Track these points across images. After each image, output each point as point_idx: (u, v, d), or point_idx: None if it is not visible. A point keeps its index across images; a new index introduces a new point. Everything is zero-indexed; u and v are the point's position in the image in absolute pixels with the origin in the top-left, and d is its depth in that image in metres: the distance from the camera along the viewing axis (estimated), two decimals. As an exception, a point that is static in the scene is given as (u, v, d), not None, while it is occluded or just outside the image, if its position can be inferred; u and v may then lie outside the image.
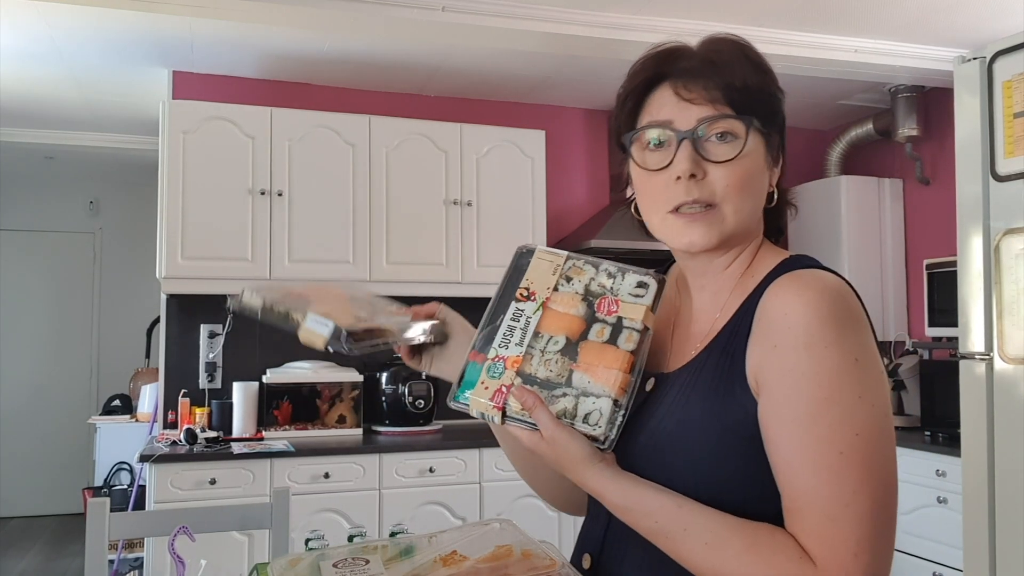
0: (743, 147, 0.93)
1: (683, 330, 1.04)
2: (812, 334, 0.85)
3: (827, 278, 0.90)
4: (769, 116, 0.95)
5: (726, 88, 0.93)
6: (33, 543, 5.74)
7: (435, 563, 0.97)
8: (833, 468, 0.83)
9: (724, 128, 0.93)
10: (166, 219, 3.54)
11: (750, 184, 0.94)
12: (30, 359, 6.54)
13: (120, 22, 3.36)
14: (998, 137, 2.61)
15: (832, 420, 0.83)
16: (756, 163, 0.95)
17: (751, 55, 0.96)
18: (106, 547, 1.76)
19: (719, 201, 0.93)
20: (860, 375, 0.85)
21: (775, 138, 0.98)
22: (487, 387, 0.93)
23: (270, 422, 3.69)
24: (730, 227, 0.95)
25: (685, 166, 0.92)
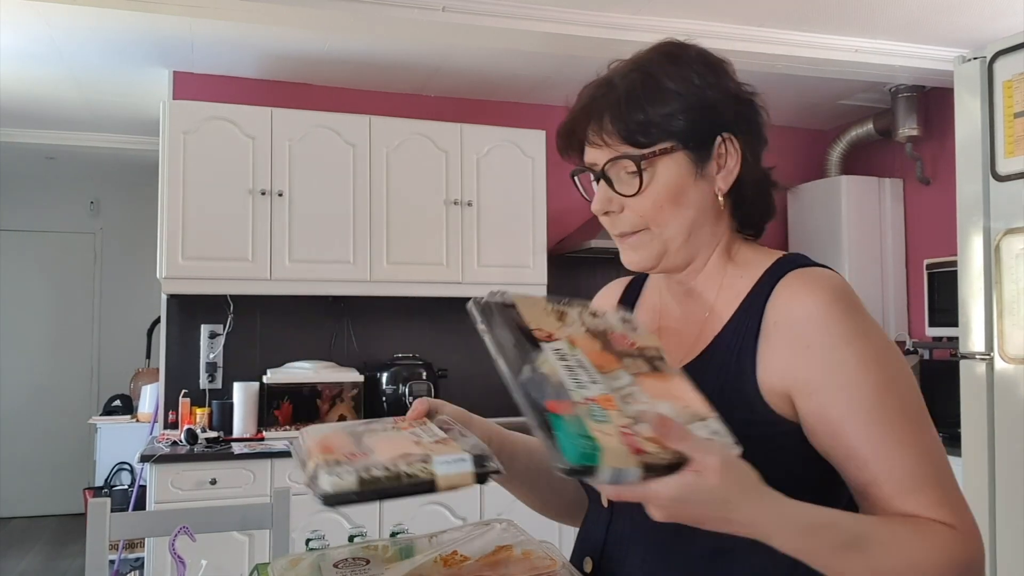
0: (641, 182, 0.96)
1: (672, 332, 1.04)
2: (844, 328, 0.89)
3: (830, 274, 0.94)
4: (682, 133, 0.96)
5: (619, 130, 0.97)
6: (34, 543, 5.75)
7: (435, 563, 0.97)
8: (919, 441, 0.88)
9: (624, 167, 0.97)
10: (166, 219, 3.54)
11: (669, 207, 0.97)
12: (31, 359, 6.54)
13: (120, 22, 3.36)
14: (998, 137, 2.61)
15: (894, 400, 0.88)
16: (672, 184, 0.97)
17: (664, 74, 0.97)
18: (107, 547, 1.76)
19: (644, 226, 0.99)
20: (894, 356, 0.91)
21: (706, 144, 0.98)
22: (608, 434, 0.73)
23: (271, 422, 3.69)
24: (664, 246, 0.99)
25: (597, 206, 1.01)
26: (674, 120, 0.96)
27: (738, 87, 1.01)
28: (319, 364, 3.81)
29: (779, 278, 0.94)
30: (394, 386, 3.83)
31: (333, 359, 3.95)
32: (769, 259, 0.99)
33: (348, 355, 4.04)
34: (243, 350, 3.92)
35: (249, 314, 3.93)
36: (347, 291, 3.80)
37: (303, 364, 3.80)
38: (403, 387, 3.80)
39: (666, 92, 0.96)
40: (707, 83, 0.98)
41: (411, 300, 4.02)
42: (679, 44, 1.01)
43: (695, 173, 0.98)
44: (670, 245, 0.99)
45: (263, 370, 3.78)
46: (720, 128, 0.98)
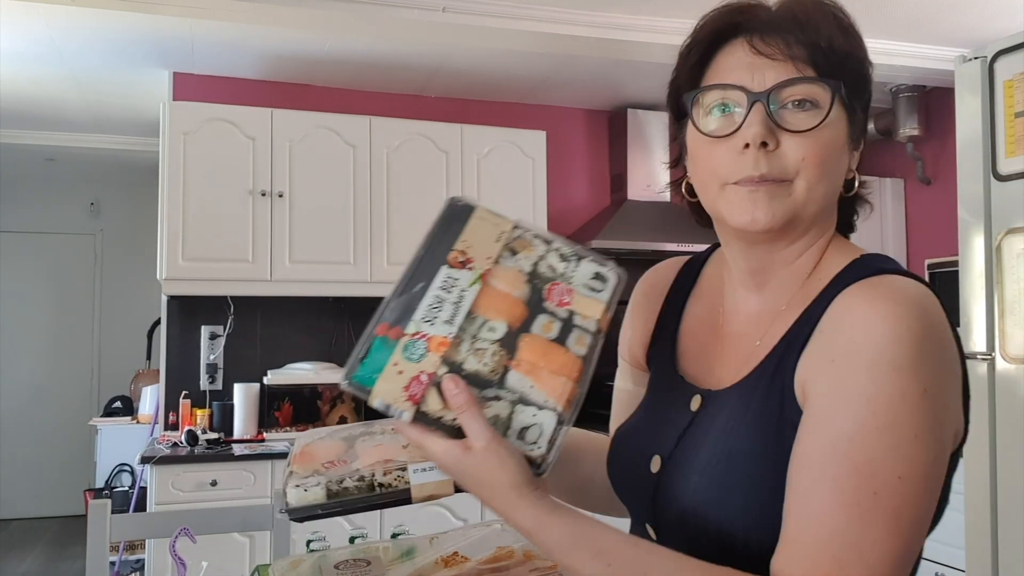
0: (826, 116, 0.78)
1: (734, 338, 0.89)
2: (881, 353, 0.71)
3: (910, 288, 0.77)
4: (857, 87, 0.81)
5: (811, 46, 0.79)
6: (34, 545, 5.74)
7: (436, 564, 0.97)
8: (861, 508, 0.70)
9: (805, 94, 0.79)
10: (167, 220, 3.54)
11: (829, 161, 0.80)
12: (31, 361, 6.54)
13: (120, 23, 3.36)
14: (999, 137, 2.61)
15: (876, 453, 0.70)
16: (838, 138, 0.80)
17: (841, 18, 0.81)
18: (107, 549, 1.76)
19: (792, 177, 0.79)
20: (924, 409, 0.71)
21: (860, 115, 0.83)
22: (401, 371, 0.72)
23: (271, 423, 3.69)
24: (800, 207, 0.80)
25: (756, 130, 0.78)
26: (857, 68, 0.81)
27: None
28: (320, 365, 3.81)
29: (848, 284, 0.79)
30: (395, 387, 3.83)
31: (334, 360, 3.95)
32: (845, 259, 0.83)
33: (348, 356, 4.03)
34: (243, 351, 3.91)
35: (249, 315, 3.93)
36: (348, 292, 3.80)
37: (304, 365, 3.80)
38: (404, 388, 3.80)
39: (854, 35, 0.82)
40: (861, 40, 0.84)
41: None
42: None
43: (849, 138, 0.82)
44: (807, 208, 0.81)
45: (264, 371, 3.78)
46: (868, 100, 0.85)
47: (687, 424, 0.86)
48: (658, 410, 0.92)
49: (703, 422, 0.84)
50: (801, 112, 0.79)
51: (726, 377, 0.86)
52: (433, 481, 0.80)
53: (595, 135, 4.58)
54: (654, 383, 0.96)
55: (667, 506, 0.84)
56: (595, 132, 4.58)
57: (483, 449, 0.72)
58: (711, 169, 0.82)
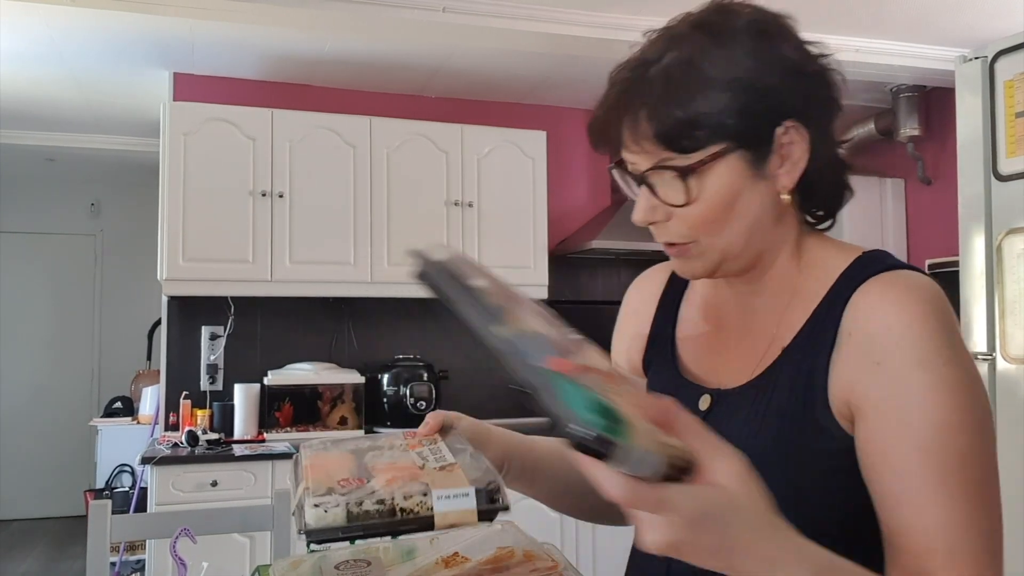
0: (688, 194, 0.81)
1: (736, 338, 0.90)
2: (926, 349, 0.74)
3: (924, 282, 0.78)
4: (735, 131, 0.80)
5: (657, 134, 0.80)
6: (35, 545, 5.74)
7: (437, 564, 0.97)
8: (970, 501, 0.73)
9: (668, 173, 0.81)
10: (167, 221, 3.54)
11: (723, 216, 0.82)
12: (31, 361, 6.54)
13: (121, 24, 3.36)
14: (1000, 137, 2.61)
15: (963, 448, 0.73)
16: (725, 192, 0.81)
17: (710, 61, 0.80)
18: (107, 549, 1.76)
19: (691, 239, 0.83)
20: (977, 394, 0.76)
21: (764, 139, 0.81)
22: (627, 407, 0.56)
23: (271, 424, 3.69)
24: (720, 255, 0.84)
25: (639, 216, 0.85)
26: (724, 117, 0.79)
27: (802, 55, 0.85)
28: (320, 365, 3.81)
29: (860, 282, 0.80)
30: (395, 387, 3.83)
31: (334, 360, 3.95)
32: (846, 257, 0.84)
33: (349, 356, 4.04)
34: (244, 352, 3.91)
35: (250, 315, 3.93)
36: (348, 292, 3.80)
37: (304, 366, 3.80)
38: (404, 388, 3.80)
39: (711, 83, 0.79)
40: (762, 63, 0.81)
41: (412, 301, 4.02)
42: (723, 10, 0.85)
43: (752, 175, 0.82)
44: (727, 254, 0.84)
45: (264, 372, 3.78)
46: (781, 116, 0.81)
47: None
48: None
49: (716, 421, 0.82)
50: (677, 186, 0.81)
51: (734, 376, 0.86)
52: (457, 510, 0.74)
53: (595, 135, 4.57)
54: (654, 387, 0.96)
55: None
56: (595, 132, 4.57)
57: (746, 471, 0.60)
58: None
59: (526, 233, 4.01)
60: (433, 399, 3.81)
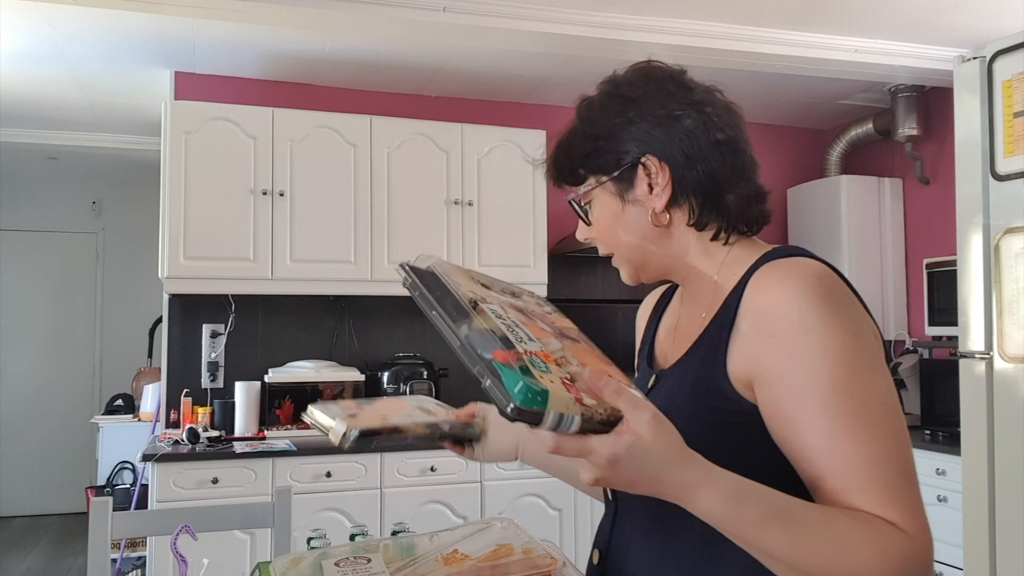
0: (587, 214, 1.07)
1: (680, 331, 1.09)
2: (807, 318, 0.87)
3: (808, 264, 0.92)
4: (601, 166, 1.03)
5: (559, 174, 1.09)
6: (36, 542, 5.76)
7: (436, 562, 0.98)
8: (876, 439, 0.85)
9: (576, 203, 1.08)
10: (168, 219, 3.55)
11: (612, 235, 1.05)
12: (33, 359, 6.55)
13: (123, 23, 3.37)
14: (998, 136, 2.61)
15: (859, 394, 0.85)
16: (607, 215, 1.04)
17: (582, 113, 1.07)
18: (109, 546, 1.77)
19: (609, 253, 1.08)
20: (864, 348, 0.88)
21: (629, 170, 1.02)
22: (552, 382, 0.73)
23: (272, 421, 3.70)
24: (629, 266, 1.07)
25: (579, 234, 1.10)
26: (591, 159, 1.04)
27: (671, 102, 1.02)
28: (320, 363, 3.82)
29: (756, 268, 0.96)
30: (395, 385, 3.84)
31: (334, 358, 3.96)
32: (758, 252, 1.00)
33: (349, 354, 4.05)
34: (245, 349, 3.92)
35: (251, 314, 3.94)
36: (348, 291, 3.81)
37: (304, 363, 3.81)
38: (404, 386, 3.81)
39: (584, 136, 1.05)
40: (623, 114, 1.03)
41: (412, 300, 4.02)
42: (615, 76, 1.08)
43: (622, 201, 1.03)
44: (632, 263, 1.06)
45: (265, 369, 3.79)
46: (638, 154, 1.01)
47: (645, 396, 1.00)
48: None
49: (656, 393, 1.03)
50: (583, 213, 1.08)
51: (673, 359, 1.05)
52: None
53: (595, 134, 4.58)
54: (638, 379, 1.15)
55: None
56: (595, 131, 4.58)
57: (653, 418, 0.77)
58: None
59: (526, 232, 4.02)
60: (433, 396, 3.81)
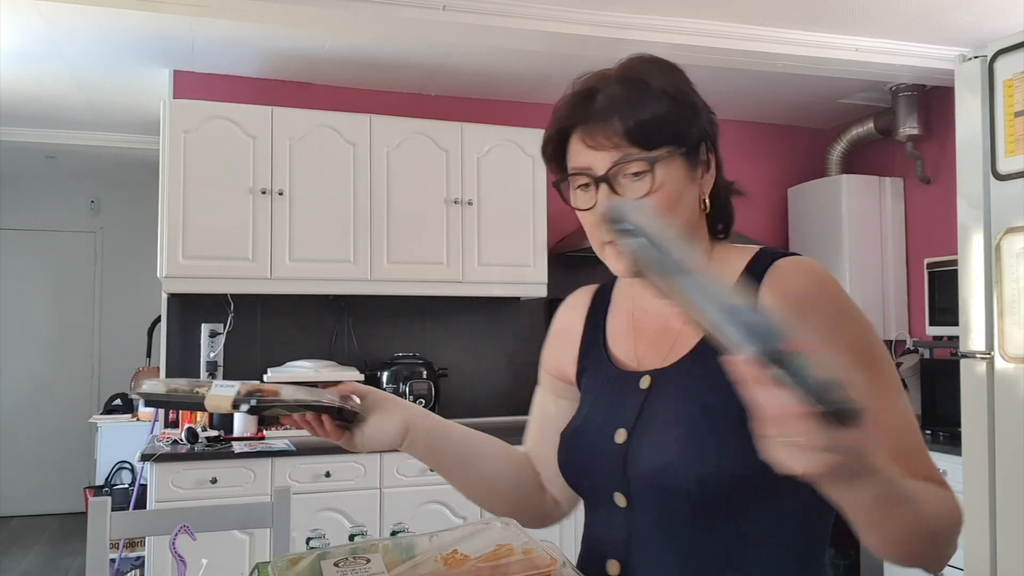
0: (653, 183, 0.98)
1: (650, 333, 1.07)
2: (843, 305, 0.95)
3: (815, 261, 1.00)
4: (680, 136, 1.00)
5: (627, 131, 0.98)
6: (34, 542, 5.75)
7: (436, 562, 0.98)
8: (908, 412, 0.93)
9: (633, 168, 0.98)
10: (167, 218, 3.54)
11: (668, 211, 0.99)
12: (31, 358, 6.55)
13: (121, 22, 3.36)
14: (999, 136, 2.61)
15: (890, 372, 0.94)
16: (673, 188, 1.00)
17: (654, 80, 1.01)
18: (107, 546, 1.77)
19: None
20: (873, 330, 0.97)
21: (696, 149, 1.02)
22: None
23: (271, 421, 3.69)
24: None
25: (602, 211, 0.99)
26: (673, 123, 0.99)
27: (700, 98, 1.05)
28: (319, 363, 3.81)
29: (768, 265, 0.98)
30: (395, 385, 3.83)
31: (334, 358, 3.96)
32: (747, 253, 1.03)
33: (349, 354, 4.05)
34: (244, 349, 3.92)
35: (250, 313, 3.93)
36: (348, 290, 3.80)
37: (303, 363, 3.80)
38: (403, 386, 3.81)
39: (663, 96, 1.00)
40: (690, 89, 1.03)
41: (412, 299, 4.02)
42: (651, 55, 1.05)
43: (689, 177, 1.01)
44: None
45: (264, 369, 3.78)
46: (703, 135, 1.02)
47: (643, 400, 1.02)
48: (606, 400, 1.07)
49: (660, 394, 1.01)
50: (637, 181, 0.99)
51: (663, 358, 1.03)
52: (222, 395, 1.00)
53: (595, 134, 4.57)
54: (592, 386, 1.12)
55: (639, 469, 0.98)
56: (595, 131, 4.57)
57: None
58: (588, 232, 1.05)
59: (526, 231, 4.01)
60: (432, 396, 3.82)
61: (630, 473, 0.98)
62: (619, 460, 1.00)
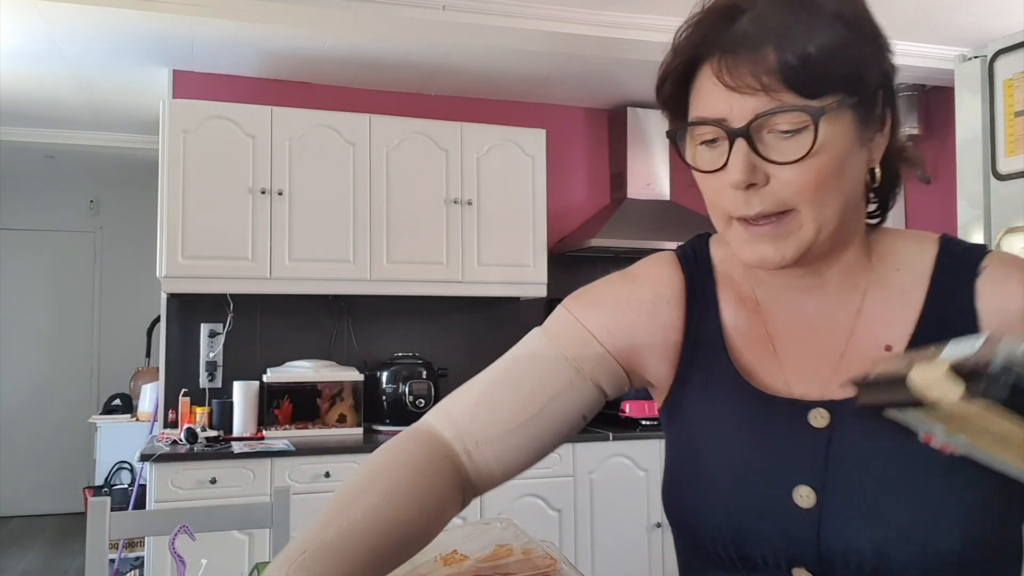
0: (814, 141, 0.70)
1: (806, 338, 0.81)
2: None
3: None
4: (855, 81, 0.73)
5: (783, 67, 0.70)
6: (34, 542, 5.75)
7: (436, 562, 0.97)
8: None
9: (786, 122, 0.71)
10: (166, 218, 3.54)
11: (830, 180, 0.73)
12: (31, 358, 6.54)
13: (121, 21, 3.36)
14: (999, 136, 2.61)
15: None
16: (839, 151, 0.72)
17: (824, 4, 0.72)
18: (107, 546, 1.76)
19: (791, 207, 0.73)
20: None
21: (872, 100, 0.75)
22: None
23: (270, 421, 3.69)
24: (810, 237, 0.74)
25: (737, 176, 0.72)
26: (849, 62, 0.72)
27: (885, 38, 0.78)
28: (319, 363, 3.81)
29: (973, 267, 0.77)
30: (394, 385, 3.83)
31: (333, 358, 3.95)
32: (923, 247, 0.80)
33: (348, 354, 4.04)
34: (243, 349, 3.91)
35: (249, 313, 3.93)
36: (347, 290, 3.80)
37: (303, 363, 3.80)
38: (403, 386, 3.80)
39: (836, 21, 0.71)
40: (870, 15, 0.76)
41: (411, 299, 4.02)
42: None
43: (858, 139, 0.75)
44: (821, 232, 0.74)
45: (263, 369, 3.78)
46: (883, 80, 0.77)
47: (825, 444, 0.76)
48: (760, 437, 0.79)
49: (851, 438, 0.75)
50: (788, 140, 0.71)
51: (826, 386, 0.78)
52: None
53: (595, 133, 4.58)
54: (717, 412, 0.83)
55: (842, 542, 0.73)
56: (595, 130, 4.58)
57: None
58: (711, 201, 0.78)
59: (525, 231, 4.01)
60: (432, 397, 3.81)
61: (826, 547, 0.73)
62: (808, 531, 0.74)
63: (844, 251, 0.79)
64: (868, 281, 0.80)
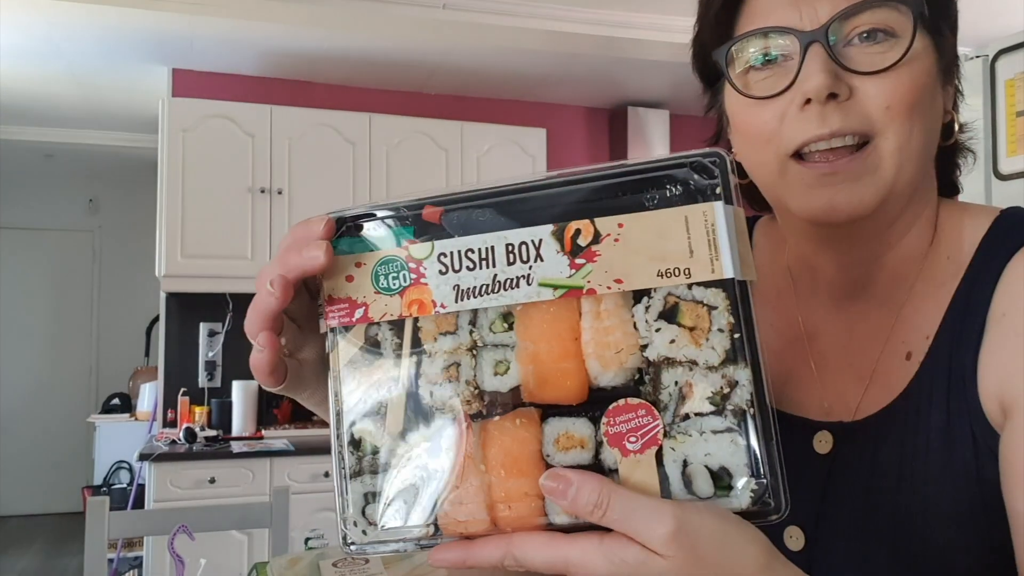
0: (909, 45, 0.57)
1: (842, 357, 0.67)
2: None
3: None
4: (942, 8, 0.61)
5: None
6: (32, 542, 5.74)
7: (436, 563, 0.97)
8: None
9: (876, 21, 0.58)
10: (165, 217, 3.54)
11: (921, 104, 0.59)
12: (29, 358, 6.53)
13: (120, 20, 3.35)
14: (1000, 136, 2.60)
15: None
16: (927, 73, 0.59)
17: None
18: (105, 546, 1.76)
19: (876, 132, 0.58)
20: None
21: (949, 38, 0.63)
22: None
23: (270, 421, 3.68)
24: (890, 178, 0.59)
25: (818, 81, 0.57)
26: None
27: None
28: (318, 363, 3.80)
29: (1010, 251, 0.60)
30: (394, 385, 3.83)
31: (332, 358, 3.95)
32: (982, 218, 0.64)
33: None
34: (242, 348, 3.89)
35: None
36: (347, 289, 3.79)
37: (302, 363, 3.79)
38: (403, 386, 3.80)
39: None
40: None
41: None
42: None
43: (939, 74, 0.62)
44: (901, 173, 0.59)
45: (262, 368, 3.77)
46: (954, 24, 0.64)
47: (824, 475, 0.64)
48: None
49: (852, 468, 0.63)
50: (874, 46, 0.58)
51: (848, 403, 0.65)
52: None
53: (595, 133, 4.57)
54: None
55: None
56: (595, 130, 4.57)
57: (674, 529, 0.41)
58: (764, 140, 0.61)
59: (525, 231, 4.00)
60: (432, 397, 3.81)
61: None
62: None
63: (911, 223, 0.65)
64: (914, 274, 0.65)
